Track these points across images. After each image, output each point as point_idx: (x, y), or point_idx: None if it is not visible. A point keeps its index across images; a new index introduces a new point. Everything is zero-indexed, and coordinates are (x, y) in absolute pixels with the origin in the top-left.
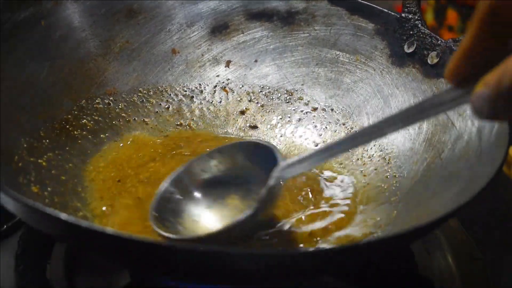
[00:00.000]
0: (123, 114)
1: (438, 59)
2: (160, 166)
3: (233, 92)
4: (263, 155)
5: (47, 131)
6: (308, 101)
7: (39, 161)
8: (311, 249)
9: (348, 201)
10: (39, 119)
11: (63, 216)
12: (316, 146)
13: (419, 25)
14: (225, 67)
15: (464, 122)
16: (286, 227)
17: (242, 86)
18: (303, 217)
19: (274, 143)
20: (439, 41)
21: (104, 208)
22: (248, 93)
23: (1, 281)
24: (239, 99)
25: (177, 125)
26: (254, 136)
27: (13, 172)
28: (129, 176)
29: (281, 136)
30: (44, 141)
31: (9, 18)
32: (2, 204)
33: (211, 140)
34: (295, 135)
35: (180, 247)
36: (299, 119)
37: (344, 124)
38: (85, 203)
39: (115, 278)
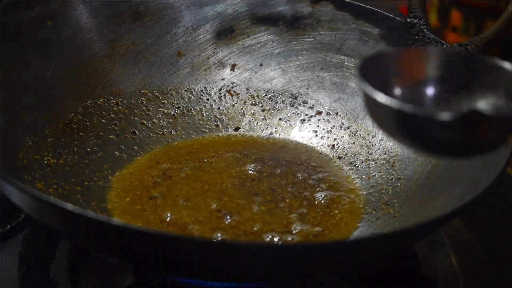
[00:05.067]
0: (128, 115)
1: None
2: (172, 167)
3: (238, 95)
4: None
5: (52, 130)
6: (313, 105)
7: (44, 159)
8: (311, 242)
9: (353, 203)
10: (44, 118)
11: (69, 206)
12: (320, 148)
13: (424, 30)
14: (230, 70)
15: None
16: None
17: (247, 89)
18: (307, 216)
19: (278, 146)
20: (444, 46)
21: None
22: (253, 97)
23: (5, 281)
24: (244, 102)
25: (183, 127)
26: (257, 139)
27: (18, 169)
28: (133, 177)
29: (285, 139)
30: (49, 139)
31: (16, 17)
32: (8, 196)
33: (219, 143)
34: (300, 139)
35: (188, 239)
36: (304, 123)
37: (348, 128)
38: (90, 202)
39: (119, 278)
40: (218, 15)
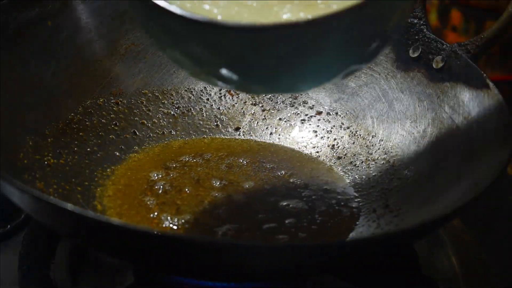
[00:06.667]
0: (128, 115)
1: (443, 63)
2: (172, 167)
3: (238, 95)
4: None
5: (52, 130)
6: (313, 105)
7: (44, 159)
8: (313, 243)
9: (353, 204)
10: (44, 118)
11: (69, 206)
12: (320, 150)
13: (424, 30)
14: None
15: (470, 125)
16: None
17: None
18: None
19: (278, 146)
20: (444, 46)
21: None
22: (253, 97)
23: (5, 281)
24: (244, 102)
25: (183, 126)
26: (257, 138)
27: (18, 169)
28: (133, 176)
29: (285, 140)
30: (49, 139)
31: (16, 18)
32: (8, 196)
33: (218, 143)
34: (300, 139)
35: (188, 239)
36: (304, 123)
37: (348, 128)
38: (90, 202)
39: (119, 278)
40: None
